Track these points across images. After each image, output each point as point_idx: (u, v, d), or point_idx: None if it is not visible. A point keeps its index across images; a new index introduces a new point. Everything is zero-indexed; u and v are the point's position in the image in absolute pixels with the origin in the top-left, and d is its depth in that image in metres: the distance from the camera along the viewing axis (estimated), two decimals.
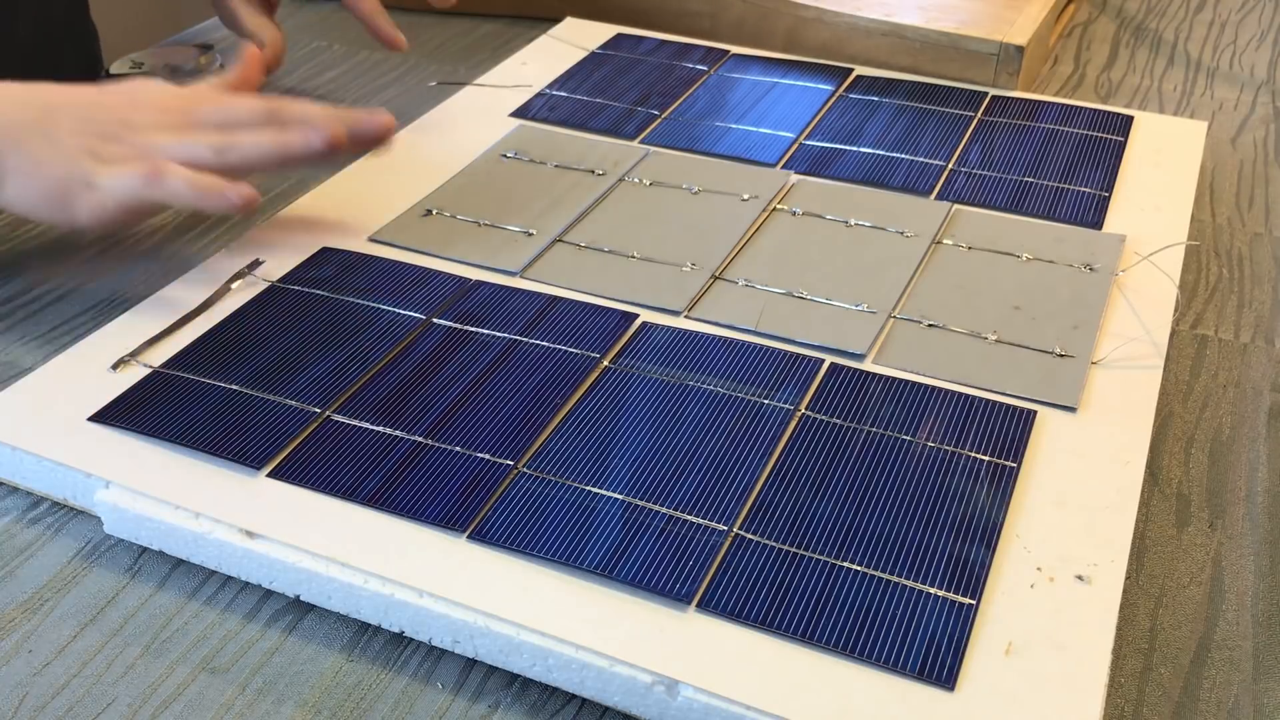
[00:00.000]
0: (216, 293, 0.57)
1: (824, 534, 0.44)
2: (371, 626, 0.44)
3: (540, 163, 0.69)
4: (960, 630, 0.41)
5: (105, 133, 0.56)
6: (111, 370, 0.52)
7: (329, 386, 0.51)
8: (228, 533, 0.44)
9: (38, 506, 0.49)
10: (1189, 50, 0.91)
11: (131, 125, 0.57)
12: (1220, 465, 0.52)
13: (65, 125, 0.56)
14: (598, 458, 0.47)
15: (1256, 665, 0.43)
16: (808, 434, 0.49)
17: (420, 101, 0.79)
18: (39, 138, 0.55)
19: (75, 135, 0.56)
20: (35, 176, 0.55)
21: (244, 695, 0.41)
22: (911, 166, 0.69)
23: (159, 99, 0.59)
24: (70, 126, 0.56)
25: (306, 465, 0.47)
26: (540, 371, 0.52)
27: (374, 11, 0.73)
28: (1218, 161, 0.75)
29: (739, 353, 0.54)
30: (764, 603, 0.41)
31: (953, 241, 0.62)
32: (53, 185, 0.55)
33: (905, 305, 0.57)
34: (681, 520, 0.45)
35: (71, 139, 0.56)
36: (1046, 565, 0.43)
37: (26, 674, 0.42)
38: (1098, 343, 0.55)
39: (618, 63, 0.82)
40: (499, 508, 0.45)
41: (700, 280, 0.59)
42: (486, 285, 0.58)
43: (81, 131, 0.56)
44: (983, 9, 0.83)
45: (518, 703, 0.41)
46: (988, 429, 0.49)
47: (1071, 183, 0.68)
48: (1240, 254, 0.66)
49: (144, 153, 0.56)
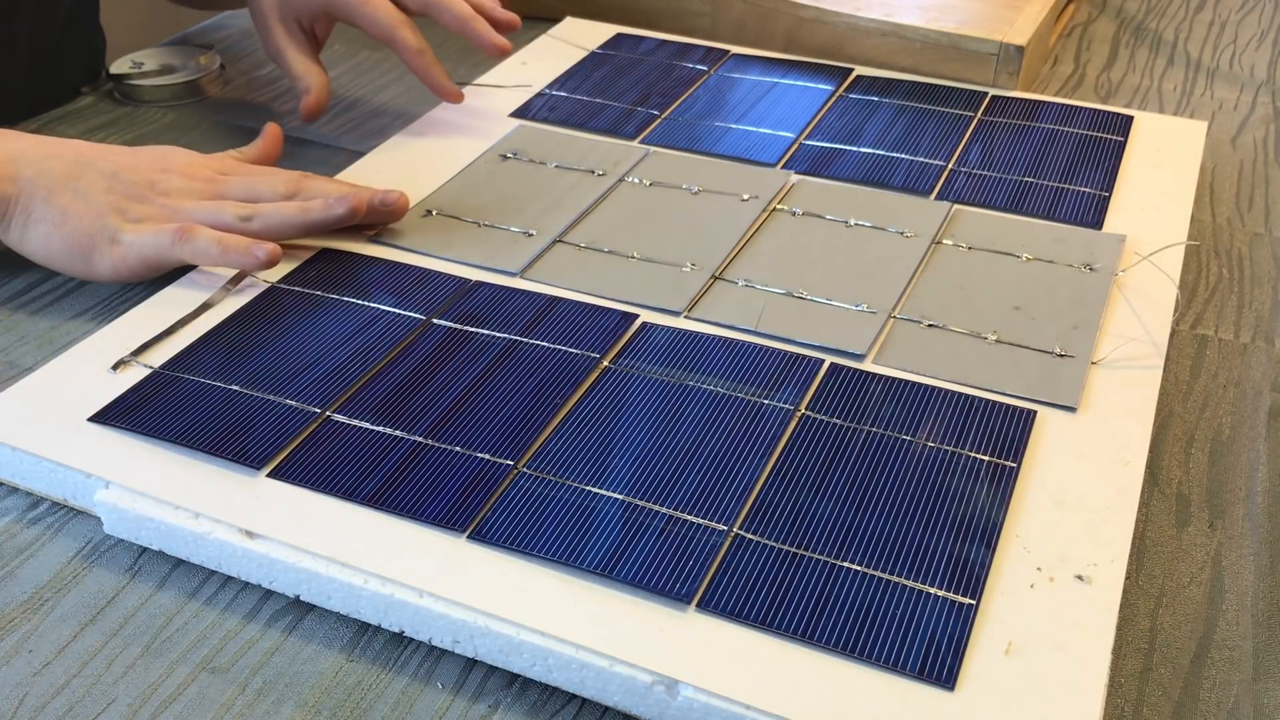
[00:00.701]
0: (217, 293, 0.57)
1: (824, 534, 0.44)
2: (371, 626, 0.44)
3: (540, 163, 0.69)
4: (960, 630, 0.41)
5: (134, 193, 0.59)
6: (112, 370, 0.52)
7: (329, 387, 0.51)
8: (227, 533, 0.44)
9: (38, 506, 0.49)
10: (1189, 50, 0.91)
11: (160, 188, 0.59)
12: (1220, 465, 0.52)
13: (96, 182, 0.58)
14: (598, 458, 0.47)
15: (1256, 665, 0.43)
16: (808, 434, 0.49)
17: (420, 101, 0.79)
18: (69, 191, 0.57)
19: (106, 193, 0.58)
20: (62, 228, 0.57)
21: (244, 695, 0.41)
22: (911, 166, 0.69)
23: (187, 166, 0.61)
24: (101, 184, 0.58)
25: (306, 465, 0.47)
26: (540, 372, 0.52)
27: (429, 66, 0.71)
28: (1218, 161, 0.75)
29: (739, 353, 0.54)
30: (764, 602, 0.41)
31: (953, 241, 0.62)
32: (78, 239, 0.57)
33: (905, 305, 0.57)
34: (681, 520, 0.45)
35: (102, 196, 0.58)
36: (1046, 565, 0.43)
37: (26, 674, 0.42)
38: (1098, 343, 0.55)
39: (618, 63, 0.82)
40: (499, 508, 0.45)
41: (700, 280, 0.59)
42: (486, 285, 0.58)
43: (111, 190, 0.58)
44: (983, 9, 0.83)
45: (518, 703, 0.41)
46: (988, 429, 0.49)
47: (1071, 183, 0.68)
48: (1240, 254, 0.66)
49: (171, 215, 0.58)
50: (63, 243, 0.57)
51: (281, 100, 0.81)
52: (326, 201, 0.60)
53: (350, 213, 0.60)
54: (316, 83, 0.72)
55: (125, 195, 0.58)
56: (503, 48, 0.73)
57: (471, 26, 0.72)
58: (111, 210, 0.58)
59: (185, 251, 0.57)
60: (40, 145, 0.59)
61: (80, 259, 0.58)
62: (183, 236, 0.57)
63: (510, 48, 0.73)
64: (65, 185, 0.57)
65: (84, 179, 0.58)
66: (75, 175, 0.58)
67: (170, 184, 0.60)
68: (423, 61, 0.71)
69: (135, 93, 0.80)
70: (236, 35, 0.90)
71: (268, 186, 0.61)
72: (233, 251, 0.57)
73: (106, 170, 0.59)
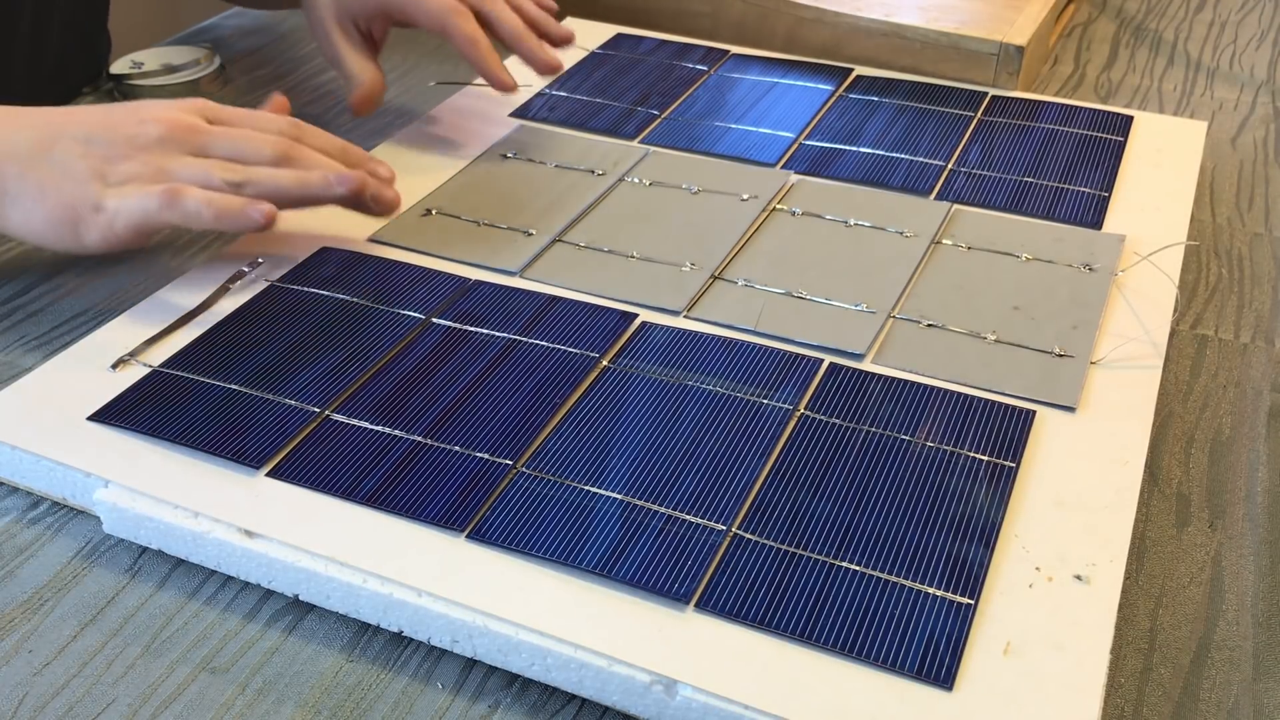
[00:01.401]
0: (216, 292, 0.57)
1: (823, 534, 0.44)
2: (371, 626, 0.44)
3: (540, 162, 0.69)
4: (959, 630, 0.41)
5: (112, 153, 0.55)
6: (111, 370, 0.52)
7: (328, 386, 0.51)
8: (227, 532, 0.44)
9: (38, 506, 0.49)
10: (1189, 50, 0.91)
11: (139, 142, 0.55)
12: (1220, 465, 0.52)
13: (71, 148, 0.55)
14: (596, 457, 0.47)
15: (1256, 665, 0.43)
16: (807, 434, 0.49)
17: (420, 101, 0.79)
18: (44, 162, 0.54)
19: (82, 158, 0.55)
20: (42, 203, 0.54)
21: (244, 695, 0.41)
22: (911, 166, 0.69)
23: (165, 113, 0.57)
24: (76, 149, 0.55)
25: (306, 465, 0.47)
26: (539, 371, 0.52)
27: (484, 55, 0.68)
28: (1218, 161, 0.75)
29: (738, 353, 0.54)
30: (762, 602, 0.41)
31: (952, 241, 0.62)
32: (59, 211, 0.54)
33: (904, 305, 0.57)
34: (680, 520, 0.45)
35: (78, 162, 0.54)
36: (1045, 565, 0.43)
37: (26, 674, 0.42)
38: (1097, 343, 0.55)
39: (618, 63, 0.82)
40: (498, 507, 0.45)
41: (700, 280, 0.59)
42: (486, 285, 0.58)
43: (87, 154, 0.55)
44: (983, 9, 0.83)
45: (518, 703, 0.41)
46: (987, 429, 0.49)
47: (1071, 183, 0.68)
48: (1240, 254, 0.66)
49: (154, 173, 0.55)
50: (45, 217, 0.54)
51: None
52: (326, 178, 0.57)
53: (351, 196, 0.58)
54: (370, 78, 0.70)
55: (103, 158, 0.55)
56: (553, 67, 0.70)
57: (523, 44, 0.69)
58: (91, 176, 0.54)
59: (174, 215, 0.53)
60: (7, 118, 0.56)
61: (67, 232, 0.54)
62: (170, 199, 0.53)
63: (563, 66, 0.71)
64: (39, 157, 0.54)
65: (57, 147, 0.54)
66: (48, 145, 0.54)
67: (149, 134, 0.55)
68: (477, 51, 0.68)
69: (135, 93, 0.80)
70: (236, 35, 0.90)
71: (255, 147, 0.57)
72: (226, 215, 0.53)
73: (80, 134, 0.55)
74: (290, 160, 0.57)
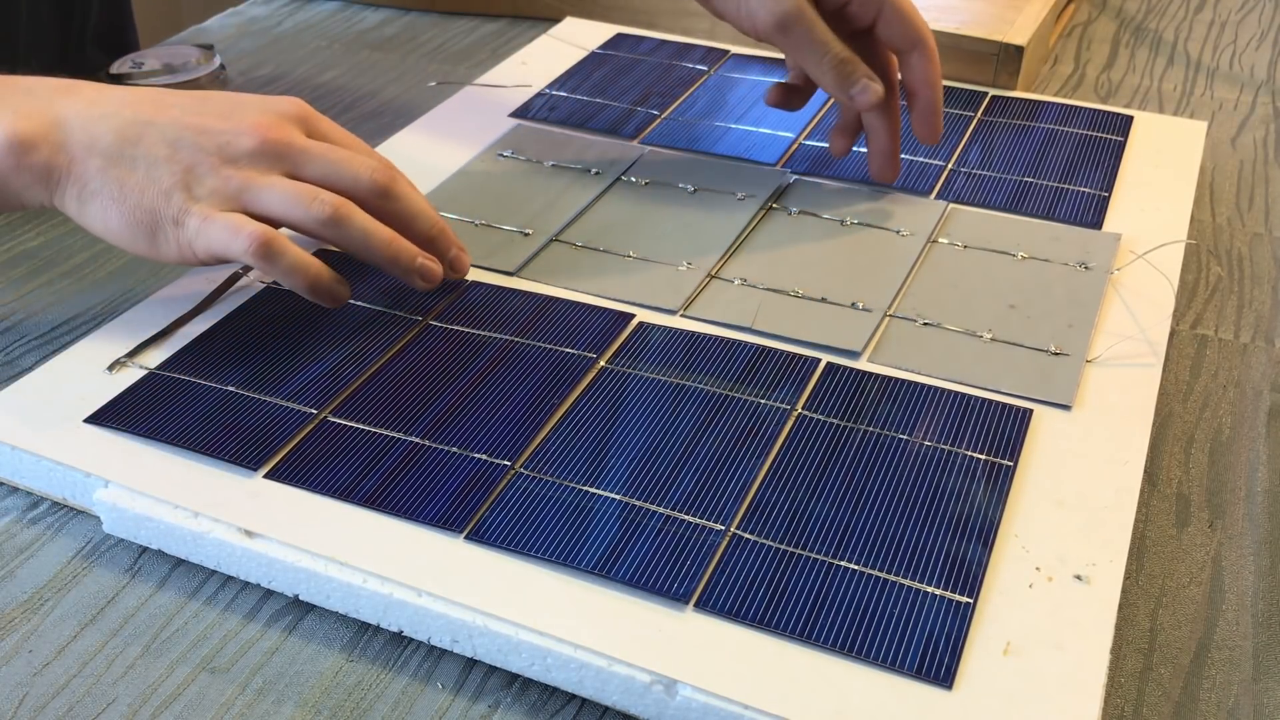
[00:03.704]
0: (213, 294, 0.57)
1: (821, 533, 0.44)
2: (371, 626, 0.44)
3: (537, 162, 0.69)
4: (958, 629, 0.41)
5: (199, 161, 0.52)
6: (107, 372, 0.52)
7: (326, 387, 0.51)
8: (227, 532, 0.44)
9: (37, 506, 0.49)
10: (1189, 50, 0.91)
11: (228, 152, 0.52)
12: (1220, 465, 0.52)
13: (156, 149, 0.51)
14: (595, 458, 0.47)
15: (1256, 665, 0.43)
16: (804, 433, 0.49)
17: (420, 101, 0.79)
18: (126, 159, 0.51)
19: (167, 161, 0.51)
20: (121, 203, 0.51)
21: (244, 695, 0.41)
22: (911, 166, 0.69)
23: (261, 122, 0.53)
24: (162, 151, 0.51)
25: (303, 466, 0.47)
26: (537, 372, 0.52)
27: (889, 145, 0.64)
28: (1218, 161, 0.75)
29: (735, 352, 0.54)
30: (761, 602, 0.41)
31: (948, 240, 0.62)
32: (140, 215, 0.51)
33: (901, 304, 0.57)
34: (679, 520, 0.45)
35: (162, 166, 0.51)
36: (1045, 565, 0.43)
37: (26, 674, 0.42)
38: (1093, 341, 0.55)
39: (617, 63, 0.82)
40: (496, 508, 0.45)
41: (696, 279, 0.59)
42: (482, 285, 0.58)
43: (173, 159, 0.51)
44: (983, 9, 0.83)
45: (518, 703, 0.41)
46: (984, 428, 0.49)
47: (1071, 183, 0.68)
48: (1240, 254, 0.66)
49: (240, 190, 0.52)
50: (123, 219, 0.51)
51: None
52: (415, 260, 0.54)
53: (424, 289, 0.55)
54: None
55: (189, 166, 0.51)
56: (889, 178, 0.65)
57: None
58: (175, 185, 0.51)
59: (260, 265, 0.51)
60: (93, 103, 0.52)
61: (144, 238, 0.52)
62: (262, 251, 0.50)
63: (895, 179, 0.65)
64: (121, 153, 0.51)
65: (142, 144, 0.51)
66: (133, 140, 0.51)
67: (241, 147, 0.52)
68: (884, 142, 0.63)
69: None
70: (236, 35, 0.90)
71: (353, 172, 0.53)
72: (317, 290, 0.52)
73: (169, 133, 0.52)
74: (386, 195, 0.54)
